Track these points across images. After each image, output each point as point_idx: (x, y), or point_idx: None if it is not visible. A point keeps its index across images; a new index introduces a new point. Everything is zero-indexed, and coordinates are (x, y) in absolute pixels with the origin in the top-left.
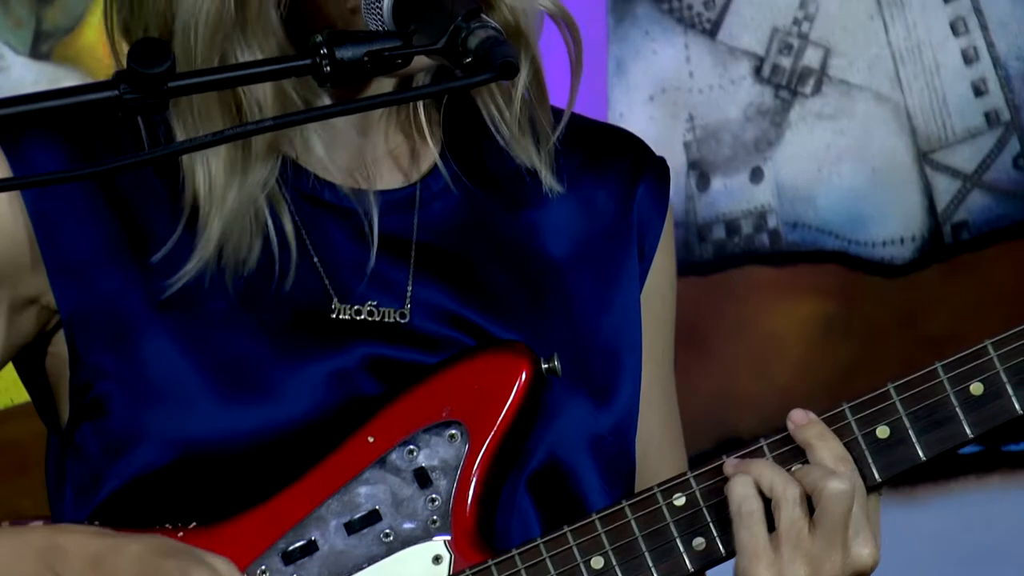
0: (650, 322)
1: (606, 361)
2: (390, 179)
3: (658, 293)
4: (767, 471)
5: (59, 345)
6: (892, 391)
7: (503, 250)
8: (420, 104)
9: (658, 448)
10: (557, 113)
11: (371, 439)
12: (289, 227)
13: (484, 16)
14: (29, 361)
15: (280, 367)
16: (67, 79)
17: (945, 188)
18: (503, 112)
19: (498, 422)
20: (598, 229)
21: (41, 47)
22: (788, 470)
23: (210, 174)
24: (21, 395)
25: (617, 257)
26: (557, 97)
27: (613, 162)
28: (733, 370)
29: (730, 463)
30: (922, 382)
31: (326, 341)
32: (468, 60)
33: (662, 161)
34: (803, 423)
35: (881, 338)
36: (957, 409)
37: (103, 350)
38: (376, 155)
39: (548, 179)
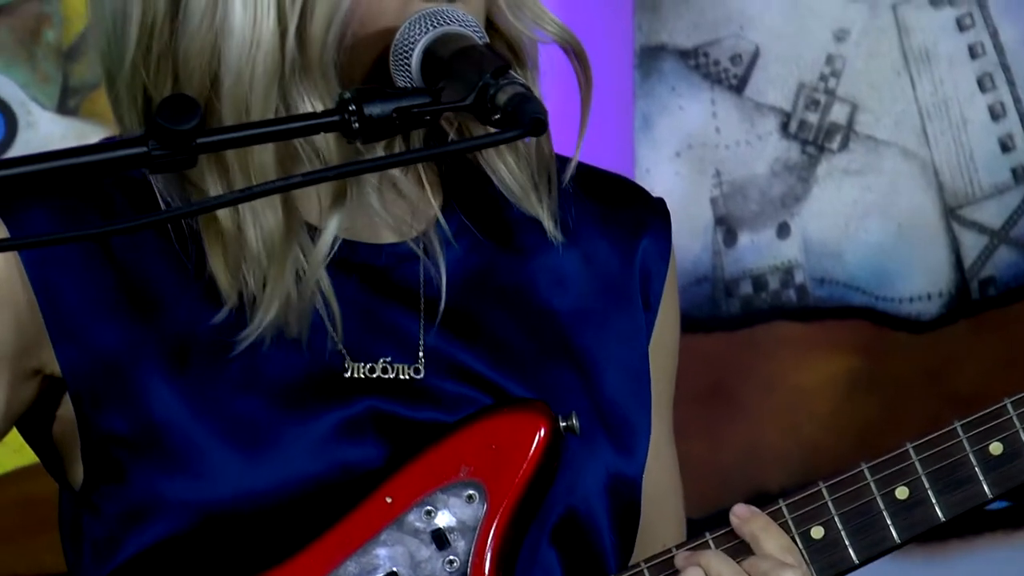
0: (655, 372)
1: (616, 414)
2: (394, 233)
3: (663, 343)
4: (715, 562)
5: (66, 407)
6: (911, 451)
7: (509, 301)
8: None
9: (663, 496)
10: (562, 160)
11: (389, 500)
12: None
13: (512, 73)
14: (34, 424)
15: (294, 426)
16: (94, 135)
17: (972, 244)
18: (504, 159)
19: (516, 482)
20: (603, 281)
21: (68, 102)
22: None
23: (262, 235)
24: None
25: (622, 309)
26: (570, 130)
27: (617, 213)
28: (760, 425)
29: (680, 556)
30: (941, 441)
31: (340, 400)
32: (496, 117)
33: (662, 204)
34: (746, 517)
35: (908, 394)
36: (976, 469)
37: (114, 415)
38: (380, 209)
39: (551, 228)
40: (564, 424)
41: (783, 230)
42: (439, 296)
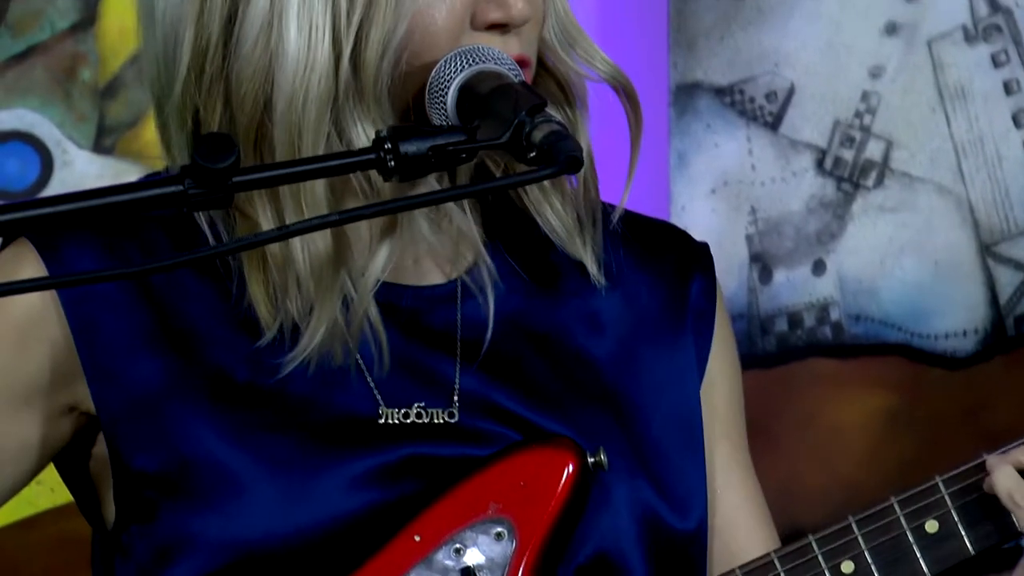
0: (719, 405)
1: (660, 458)
2: (432, 275)
3: (722, 375)
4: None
5: (101, 445)
6: (940, 484)
7: (547, 344)
8: (458, 208)
9: (745, 527)
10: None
11: (417, 538)
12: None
13: (548, 111)
14: (70, 461)
15: (329, 467)
16: (130, 173)
17: (1008, 281)
18: (550, 200)
19: (545, 519)
20: (646, 325)
21: (104, 141)
22: None
23: (310, 260)
24: None
25: (667, 353)
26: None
27: (661, 256)
28: (796, 463)
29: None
30: (972, 475)
31: (375, 446)
32: (532, 155)
33: (706, 248)
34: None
35: (944, 431)
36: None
37: (146, 454)
38: (417, 251)
39: (594, 271)
40: (592, 460)
41: (818, 267)
42: (478, 338)
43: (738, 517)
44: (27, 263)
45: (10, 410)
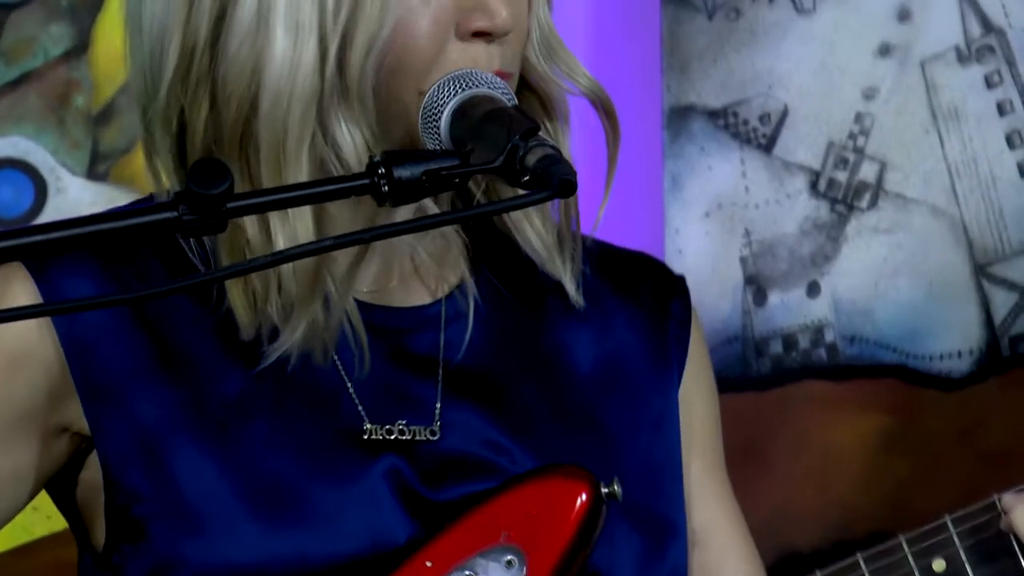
0: (695, 425)
1: (642, 481)
2: (416, 295)
3: (698, 396)
4: None
5: (91, 470)
6: (949, 523)
7: (530, 367)
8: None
9: (724, 533)
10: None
11: (429, 564)
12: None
13: (541, 135)
14: (61, 485)
15: (320, 489)
16: (124, 200)
17: (1002, 301)
18: (531, 220)
19: (555, 548)
20: (625, 351)
21: (98, 168)
22: None
23: (294, 271)
24: None
25: (648, 379)
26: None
27: (638, 286)
28: (791, 484)
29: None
30: (981, 514)
31: (360, 461)
32: (525, 179)
33: (682, 278)
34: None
35: (940, 452)
36: (1015, 544)
37: (139, 473)
38: (401, 272)
39: (572, 292)
40: (606, 490)
41: (813, 289)
42: (458, 359)
43: (712, 532)
44: (20, 286)
45: (3, 435)
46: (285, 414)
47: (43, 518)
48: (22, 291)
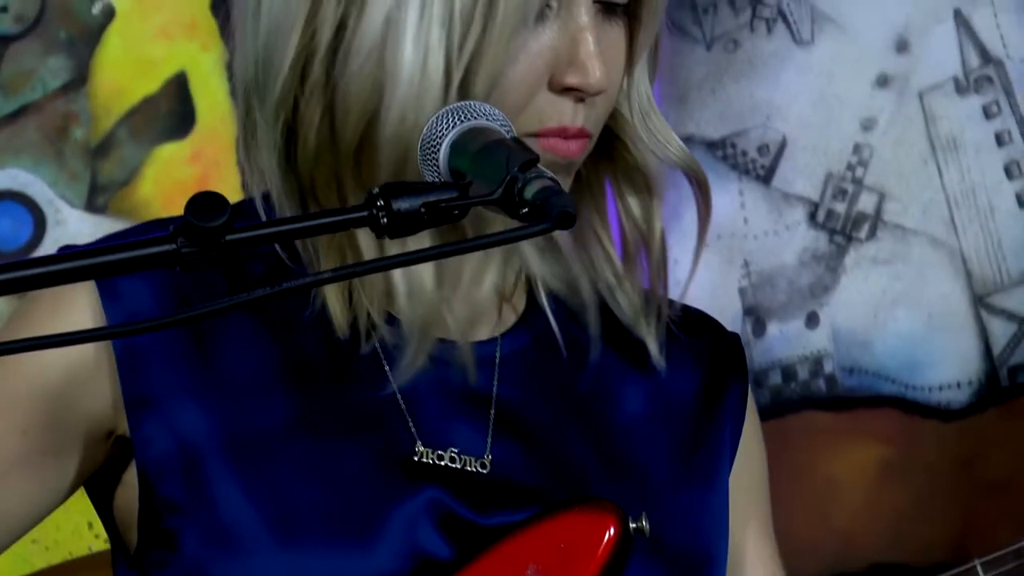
0: (751, 487)
1: (685, 537)
2: (475, 331)
3: (751, 459)
4: None
5: (132, 473)
6: (979, 567)
7: (581, 413)
8: (516, 256)
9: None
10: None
11: None
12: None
13: (540, 167)
14: (101, 486)
15: (361, 512)
16: None
17: (1001, 332)
18: (622, 286)
19: None
20: (681, 409)
21: (97, 200)
22: None
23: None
24: None
25: (698, 438)
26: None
27: (698, 345)
28: (791, 515)
29: None
30: (1011, 559)
31: (406, 486)
32: (525, 211)
33: (738, 341)
34: None
35: (940, 482)
36: None
37: (175, 485)
38: (462, 305)
39: (656, 353)
40: (634, 525)
41: (812, 320)
42: (511, 397)
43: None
44: (83, 299)
45: (59, 440)
46: (331, 435)
47: (42, 549)
48: (86, 304)
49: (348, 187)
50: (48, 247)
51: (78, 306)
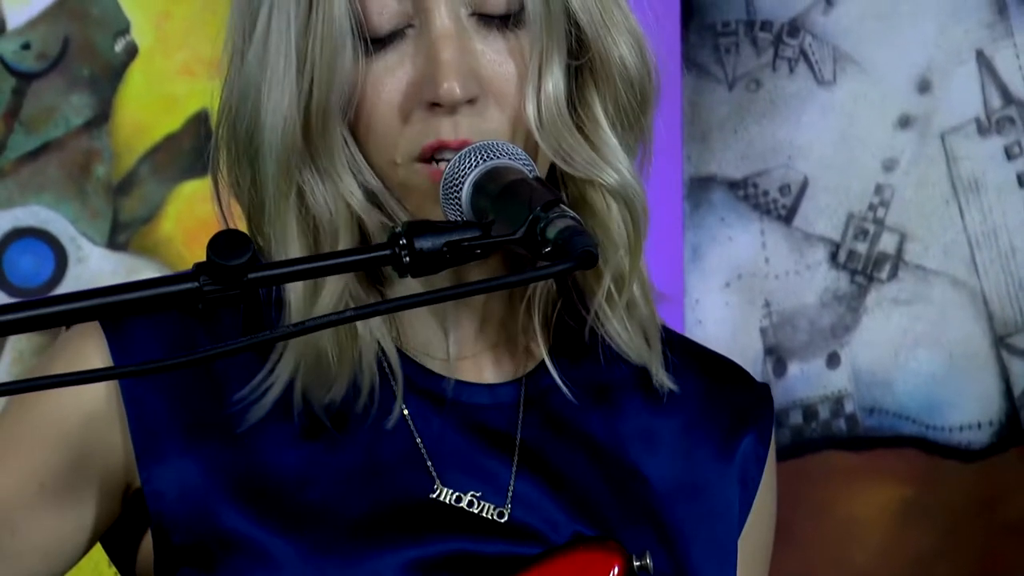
0: (755, 551)
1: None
2: (495, 373)
3: (762, 522)
4: None
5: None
6: None
7: (603, 456)
8: (534, 299)
9: None
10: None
11: None
12: (396, 412)
13: (563, 206)
14: (119, 540)
15: (371, 554)
16: (145, 270)
17: (1022, 372)
18: (615, 308)
19: None
20: (700, 455)
21: (119, 238)
22: None
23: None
24: None
25: (717, 487)
26: None
27: (723, 393)
28: (812, 555)
29: None
30: None
31: (423, 528)
32: (547, 250)
33: (767, 391)
34: None
35: (960, 523)
36: None
37: (189, 534)
38: (481, 344)
39: (660, 375)
40: (638, 563)
41: (833, 360)
42: (534, 441)
43: None
44: (93, 345)
45: (75, 492)
46: (345, 476)
47: None
48: (96, 350)
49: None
50: (69, 284)
51: (87, 355)
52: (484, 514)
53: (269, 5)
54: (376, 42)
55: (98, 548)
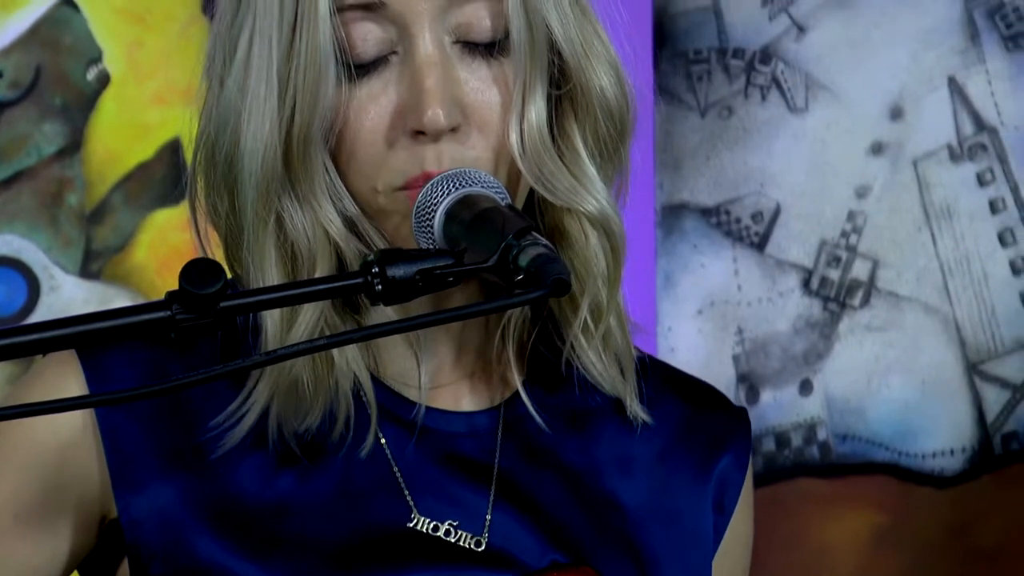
0: (732, 574)
1: None
2: (471, 401)
3: (737, 545)
4: None
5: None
6: None
7: (579, 483)
8: (509, 327)
9: None
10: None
11: None
12: (371, 441)
13: (535, 234)
14: (99, 569)
15: None
16: (118, 298)
17: (995, 399)
18: (590, 336)
19: None
20: (676, 481)
21: (91, 266)
22: None
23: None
24: None
25: (692, 512)
26: None
27: (700, 417)
28: None
29: None
30: None
31: (401, 557)
32: (520, 278)
33: (745, 415)
34: None
35: (934, 550)
36: None
37: (167, 563)
38: (456, 373)
39: (634, 407)
40: None
41: (805, 387)
42: (511, 469)
43: None
44: (72, 375)
45: (50, 522)
46: (319, 502)
47: None
48: (72, 379)
49: (237, 262)
50: (42, 313)
51: (66, 385)
52: (461, 543)
53: (250, 31)
54: (359, 68)
55: None
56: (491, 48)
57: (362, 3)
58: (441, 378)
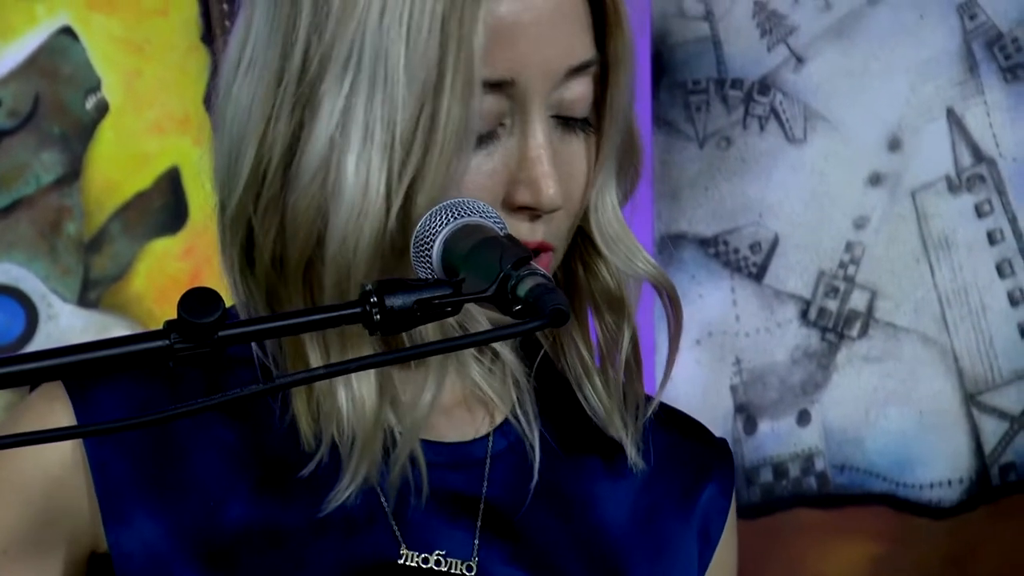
0: None
1: None
2: (459, 429)
3: (723, 574)
4: None
5: None
6: None
7: (568, 513)
8: (504, 356)
9: None
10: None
11: None
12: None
13: (533, 264)
14: None
15: None
16: (115, 327)
17: (992, 430)
18: (592, 381)
19: None
20: (661, 510)
21: (89, 295)
22: None
23: (354, 398)
24: None
25: (678, 542)
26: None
27: (683, 448)
28: None
29: None
30: None
31: None
32: (518, 308)
33: (726, 445)
34: None
35: None
36: None
37: None
38: (451, 402)
39: (633, 455)
40: None
41: (803, 417)
42: (498, 499)
43: None
44: (60, 408)
45: (41, 557)
46: (306, 539)
47: None
48: (60, 413)
49: (296, 304)
50: (40, 342)
51: (55, 417)
52: (453, 570)
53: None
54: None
55: None
56: (585, 122)
57: (495, 80)
58: (435, 408)
